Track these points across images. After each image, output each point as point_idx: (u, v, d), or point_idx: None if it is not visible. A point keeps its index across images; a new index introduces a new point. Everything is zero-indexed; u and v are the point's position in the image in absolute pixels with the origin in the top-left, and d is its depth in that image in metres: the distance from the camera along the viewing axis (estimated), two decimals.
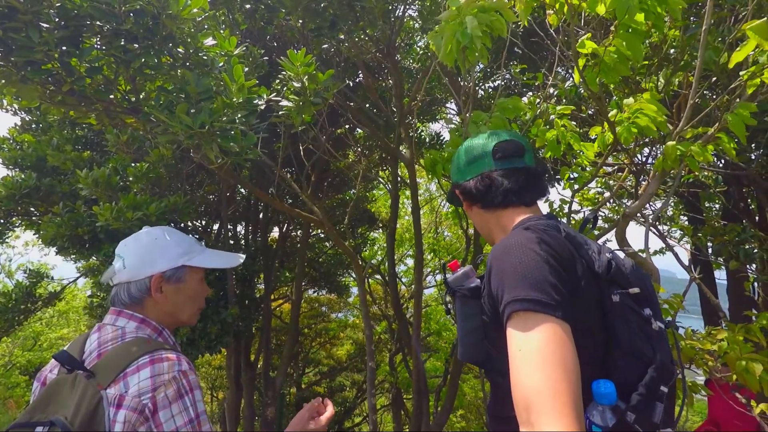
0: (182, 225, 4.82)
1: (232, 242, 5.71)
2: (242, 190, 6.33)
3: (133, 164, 3.45)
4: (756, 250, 2.47)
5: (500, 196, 1.08)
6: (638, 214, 2.61)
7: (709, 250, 3.31)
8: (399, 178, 5.62)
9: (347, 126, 5.27)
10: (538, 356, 0.76)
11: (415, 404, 4.79)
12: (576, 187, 2.91)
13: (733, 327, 2.11)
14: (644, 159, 3.40)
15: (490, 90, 5.42)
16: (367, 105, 5.01)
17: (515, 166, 1.10)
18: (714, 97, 2.57)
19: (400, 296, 7.76)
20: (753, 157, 3.20)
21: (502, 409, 0.97)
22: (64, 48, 1.68)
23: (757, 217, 3.87)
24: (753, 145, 3.10)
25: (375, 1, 2.56)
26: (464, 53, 1.83)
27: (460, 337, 1.02)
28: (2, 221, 4.67)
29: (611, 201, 4.18)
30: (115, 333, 1.04)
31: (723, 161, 3.01)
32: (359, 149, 5.69)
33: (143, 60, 1.74)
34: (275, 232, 7.42)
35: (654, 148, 3.31)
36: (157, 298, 1.11)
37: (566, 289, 0.84)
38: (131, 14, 1.66)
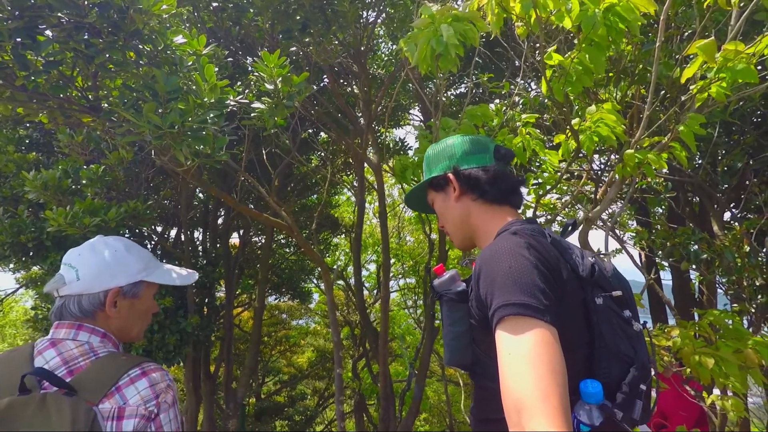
0: (138, 231, 4.59)
1: (190, 248, 5.49)
2: (200, 194, 6.11)
3: (86, 166, 3.24)
4: (705, 253, 2.65)
5: (501, 192, 1.10)
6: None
7: (659, 252, 3.53)
8: (364, 183, 5.61)
9: (311, 130, 5.22)
10: (527, 360, 0.77)
11: (382, 409, 4.78)
12: (540, 192, 3.03)
13: (684, 324, 2.25)
14: (601, 167, 3.58)
15: (453, 97, 5.54)
16: (332, 110, 4.99)
17: (508, 170, 1.14)
18: (664, 109, 2.75)
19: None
20: (698, 165, 3.45)
21: (489, 411, 0.97)
22: (18, 40, 1.56)
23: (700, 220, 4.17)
24: (698, 154, 3.35)
25: (347, 6, 2.55)
26: (437, 60, 1.87)
27: (447, 342, 1.01)
28: None
29: (569, 206, 4.38)
30: (83, 348, 0.99)
31: (668, 168, 3.23)
32: (323, 154, 5.65)
33: (107, 56, 1.64)
34: (235, 238, 7.21)
35: (610, 157, 3.49)
36: (111, 312, 1.06)
37: (554, 294, 0.85)
38: (95, 7, 1.56)
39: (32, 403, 0.85)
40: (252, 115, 2.15)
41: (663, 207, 5.02)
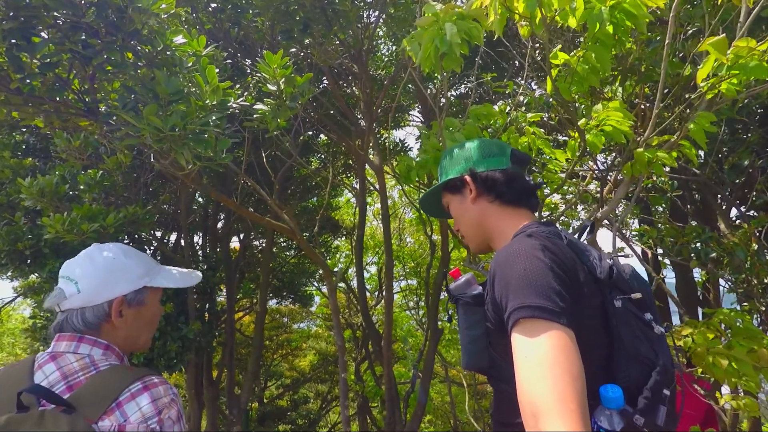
0: (137, 236, 4.55)
1: (190, 253, 5.44)
2: (200, 198, 6.07)
3: (83, 171, 3.19)
4: (714, 252, 2.63)
5: (518, 194, 1.10)
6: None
7: (660, 251, 3.50)
8: (365, 185, 5.58)
9: (311, 132, 5.19)
10: (544, 363, 0.76)
11: (387, 411, 4.74)
12: (546, 192, 3.00)
13: (695, 323, 2.21)
14: (606, 166, 3.55)
15: (453, 98, 5.51)
16: (331, 111, 4.96)
17: (524, 173, 1.16)
18: (671, 107, 2.72)
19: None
20: (703, 163, 3.43)
21: (507, 415, 0.96)
22: (12, 41, 1.51)
23: (701, 218, 4.14)
24: (704, 152, 3.33)
25: (349, 5, 2.52)
26: (441, 60, 1.83)
27: (464, 345, 1.01)
28: None
29: (573, 206, 4.35)
30: (83, 362, 0.95)
31: (671, 167, 3.20)
32: (324, 156, 5.61)
33: (105, 56, 1.60)
34: (235, 242, 7.17)
35: (615, 156, 3.45)
36: (117, 323, 1.02)
37: (570, 296, 0.85)
38: (92, 6, 1.52)
39: (29, 421, 0.81)
40: (254, 116, 2.12)
41: (664, 206, 4.99)
